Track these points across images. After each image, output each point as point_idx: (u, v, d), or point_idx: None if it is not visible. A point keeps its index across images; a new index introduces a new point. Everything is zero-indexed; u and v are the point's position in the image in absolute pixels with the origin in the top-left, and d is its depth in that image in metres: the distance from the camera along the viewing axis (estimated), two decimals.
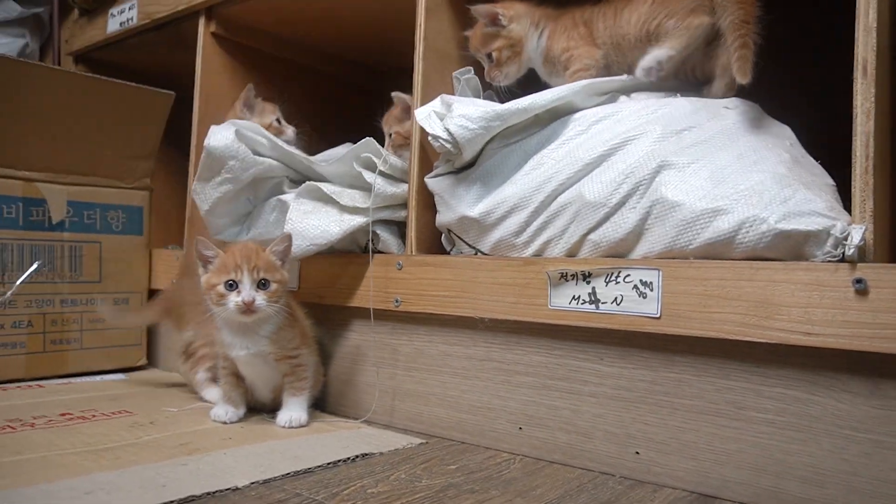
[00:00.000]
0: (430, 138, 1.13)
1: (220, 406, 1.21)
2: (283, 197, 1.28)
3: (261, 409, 1.26)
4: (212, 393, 1.35)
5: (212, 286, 1.11)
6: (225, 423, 1.18)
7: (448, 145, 1.11)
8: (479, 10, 1.21)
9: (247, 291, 1.08)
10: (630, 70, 1.13)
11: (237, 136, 1.22)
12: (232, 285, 1.09)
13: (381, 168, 1.25)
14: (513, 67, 1.23)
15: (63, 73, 1.60)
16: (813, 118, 1.03)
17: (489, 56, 1.23)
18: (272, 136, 1.29)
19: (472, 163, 1.15)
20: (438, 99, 1.16)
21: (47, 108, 1.51)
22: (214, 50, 1.69)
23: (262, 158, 1.26)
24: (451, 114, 1.10)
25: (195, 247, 1.13)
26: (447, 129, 1.09)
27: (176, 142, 1.86)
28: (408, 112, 1.27)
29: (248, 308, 1.08)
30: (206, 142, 1.21)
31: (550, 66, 1.22)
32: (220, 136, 1.21)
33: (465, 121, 1.08)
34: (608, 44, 1.16)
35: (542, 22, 1.23)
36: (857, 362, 0.80)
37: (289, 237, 1.14)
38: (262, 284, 1.10)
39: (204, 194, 1.25)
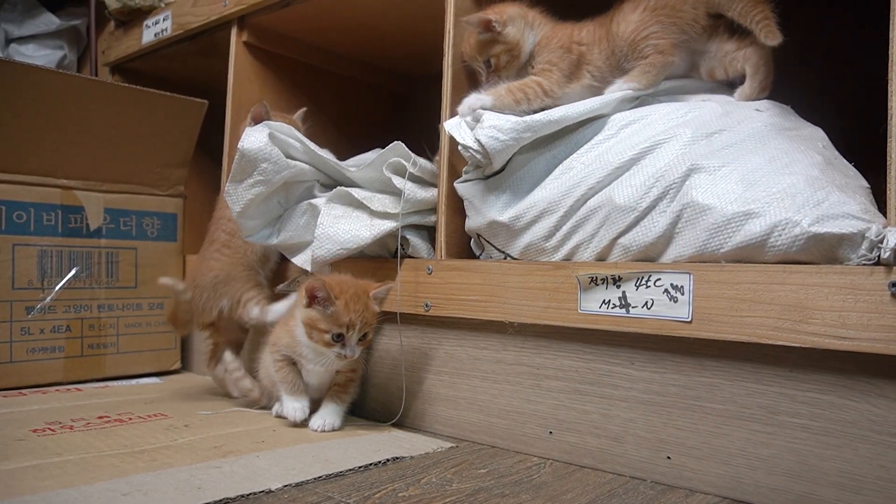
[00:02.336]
0: (459, 148, 1.13)
1: (289, 401, 1.20)
2: (313, 201, 1.29)
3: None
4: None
5: (318, 329, 1.11)
6: (296, 422, 1.19)
7: (478, 156, 1.11)
8: (471, 20, 1.18)
9: (351, 348, 1.12)
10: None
11: (270, 138, 1.23)
12: (339, 337, 1.11)
13: (412, 170, 1.25)
14: (511, 71, 1.20)
15: (100, 84, 1.63)
16: (846, 120, 1.02)
17: (487, 63, 1.20)
18: (305, 140, 1.30)
19: (502, 168, 1.15)
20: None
21: (85, 117, 1.54)
22: (246, 58, 1.72)
23: (293, 162, 1.27)
24: (481, 124, 1.10)
25: (308, 285, 1.11)
26: (478, 140, 1.09)
27: (208, 150, 1.89)
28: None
29: (347, 360, 1.12)
30: (239, 144, 1.23)
31: (528, 66, 1.20)
32: (253, 139, 1.23)
33: (495, 132, 1.08)
34: (603, 68, 1.15)
35: (538, 23, 1.20)
36: (894, 367, 0.78)
37: (391, 287, 1.17)
38: (362, 337, 1.13)
39: (236, 195, 1.26)
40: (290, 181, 1.29)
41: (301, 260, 1.30)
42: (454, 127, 1.14)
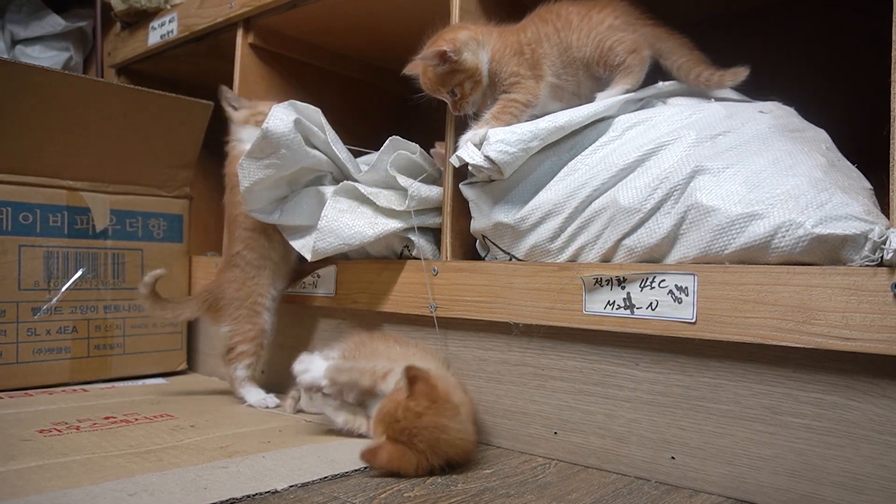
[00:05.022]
0: (471, 168, 1.13)
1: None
2: (321, 188, 1.29)
3: None
4: (252, 393, 1.37)
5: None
6: None
7: (491, 172, 1.11)
8: (426, 56, 1.15)
9: None
10: (582, 90, 1.16)
11: (296, 125, 1.23)
12: None
13: (415, 158, 1.25)
14: (478, 94, 1.18)
15: (106, 85, 1.64)
16: (848, 121, 1.02)
17: (452, 92, 1.18)
18: (329, 129, 1.30)
19: None
20: (470, 131, 1.15)
21: (91, 118, 1.55)
22: (252, 60, 1.72)
23: (313, 152, 1.27)
24: (488, 141, 1.09)
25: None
26: (487, 157, 1.09)
27: (214, 151, 1.89)
28: None
29: None
30: (265, 122, 1.22)
31: (494, 87, 1.17)
32: (279, 122, 1.22)
33: (503, 146, 1.08)
34: (558, 65, 1.15)
35: (485, 39, 1.17)
36: None
37: None
38: None
39: (249, 171, 1.25)
40: (304, 168, 1.30)
41: (299, 245, 1.30)
42: (462, 151, 1.13)
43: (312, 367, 1.11)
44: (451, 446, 0.96)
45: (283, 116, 1.23)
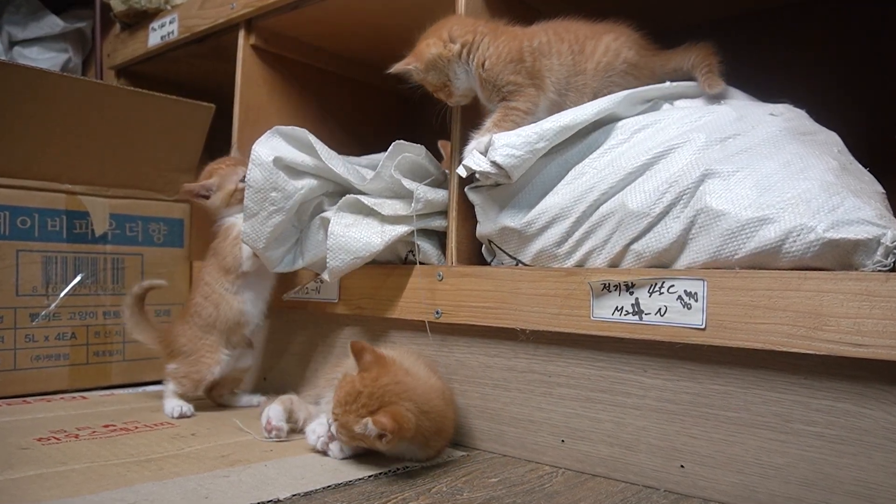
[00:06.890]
0: (478, 175, 1.12)
1: None
2: (324, 214, 1.28)
3: None
4: (169, 403, 1.35)
5: None
6: None
7: (499, 177, 1.10)
8: (396, 69, 1.17)
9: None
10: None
11: (275, 163, 1.22)
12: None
13: (419, 160, 1.25)
14: (455, 98, 1.19)
15: (105, 87, 1.63)
16: (860, 124, 1.01)
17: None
18: (319, 147, 1.28)
19: None
20: (474, 140, 1.14)
21: (90, 121, 1.53)
22: (254, 62, 1.71)
23: (301, 183, 1.26)
24: (493, 146, 1.08)
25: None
26: (494, 162, 1.08)
27: (216, 154, 1.88)
28: None
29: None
30: (247, 176, 1.22)
31: (489, 92, 1.15)
32: (257, 170, 1.21)
33: (510, 149, 1.07)
34: (562, 84, 1.14)
35: (469, 48, 1.15)
36: None
37: None
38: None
39: (255, 233, 1.24)
40: (300, 202, 1.29)
41: (325, 275, 1.29)
42: (468, 160, 1.12)
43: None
44: (417, 396, 0.97)
45: (260, 160, 1.22)
